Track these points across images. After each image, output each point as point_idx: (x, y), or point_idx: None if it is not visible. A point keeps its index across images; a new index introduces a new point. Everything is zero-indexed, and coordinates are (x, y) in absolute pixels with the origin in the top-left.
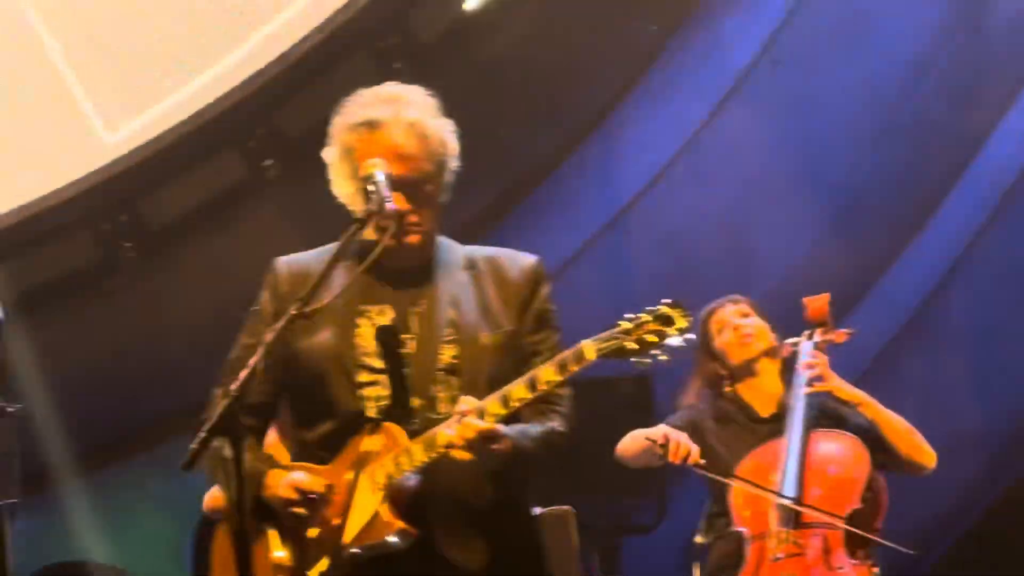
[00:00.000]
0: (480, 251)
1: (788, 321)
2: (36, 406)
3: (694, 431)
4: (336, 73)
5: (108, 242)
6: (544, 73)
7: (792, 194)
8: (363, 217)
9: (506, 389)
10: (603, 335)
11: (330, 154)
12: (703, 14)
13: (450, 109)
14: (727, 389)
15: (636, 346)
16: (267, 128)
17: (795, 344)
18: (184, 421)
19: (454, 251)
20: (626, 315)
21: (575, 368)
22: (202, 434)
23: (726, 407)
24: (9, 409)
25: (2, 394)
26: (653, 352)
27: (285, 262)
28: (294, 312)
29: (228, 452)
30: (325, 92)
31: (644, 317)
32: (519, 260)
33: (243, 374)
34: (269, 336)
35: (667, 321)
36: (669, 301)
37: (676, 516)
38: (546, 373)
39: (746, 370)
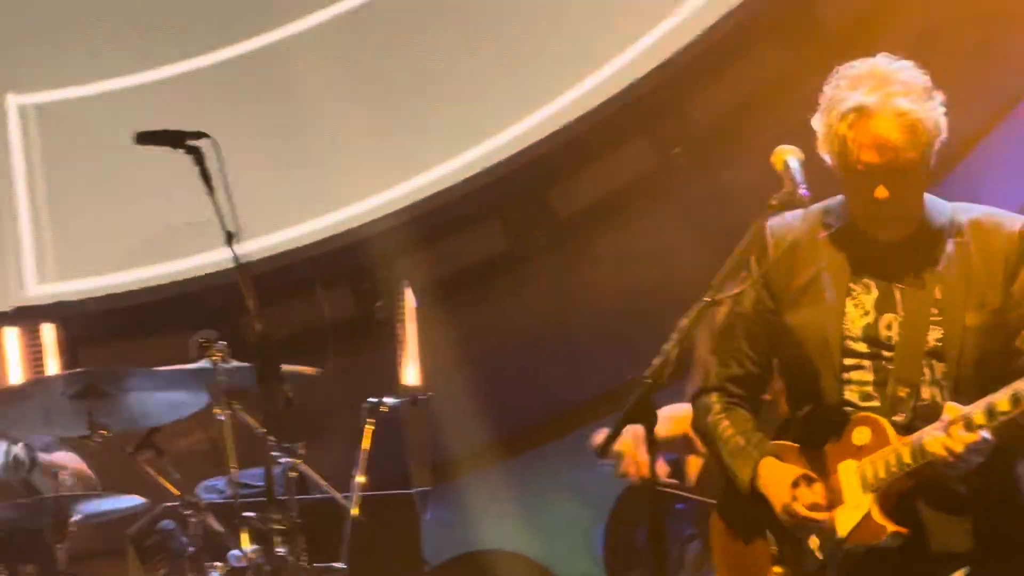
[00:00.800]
0: (966, 213)
1: None
2: (450, 394)
3: None
4: (747, 61)
5: (518, 231)
6: (948, 61)
7: None
8: (775, 203)
9: (991, 400)
10: None
11: (818, 123)
12: None
13: None
14: None
15: None
16: (676, 116)
17: None
18: (596, 408)
19: (940, 215)
20: None
21: None
22: (616, 421)
23: None
24: (421, 397)
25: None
26: None
27: (773, 226)
28: (707, 300)
29: (722, 429)
30: (735, 80)
31: None
32: (1005, 225)
33: (656, 361)
34: (684, 322)
35: None
36: None
37: None
38: None
39: None
